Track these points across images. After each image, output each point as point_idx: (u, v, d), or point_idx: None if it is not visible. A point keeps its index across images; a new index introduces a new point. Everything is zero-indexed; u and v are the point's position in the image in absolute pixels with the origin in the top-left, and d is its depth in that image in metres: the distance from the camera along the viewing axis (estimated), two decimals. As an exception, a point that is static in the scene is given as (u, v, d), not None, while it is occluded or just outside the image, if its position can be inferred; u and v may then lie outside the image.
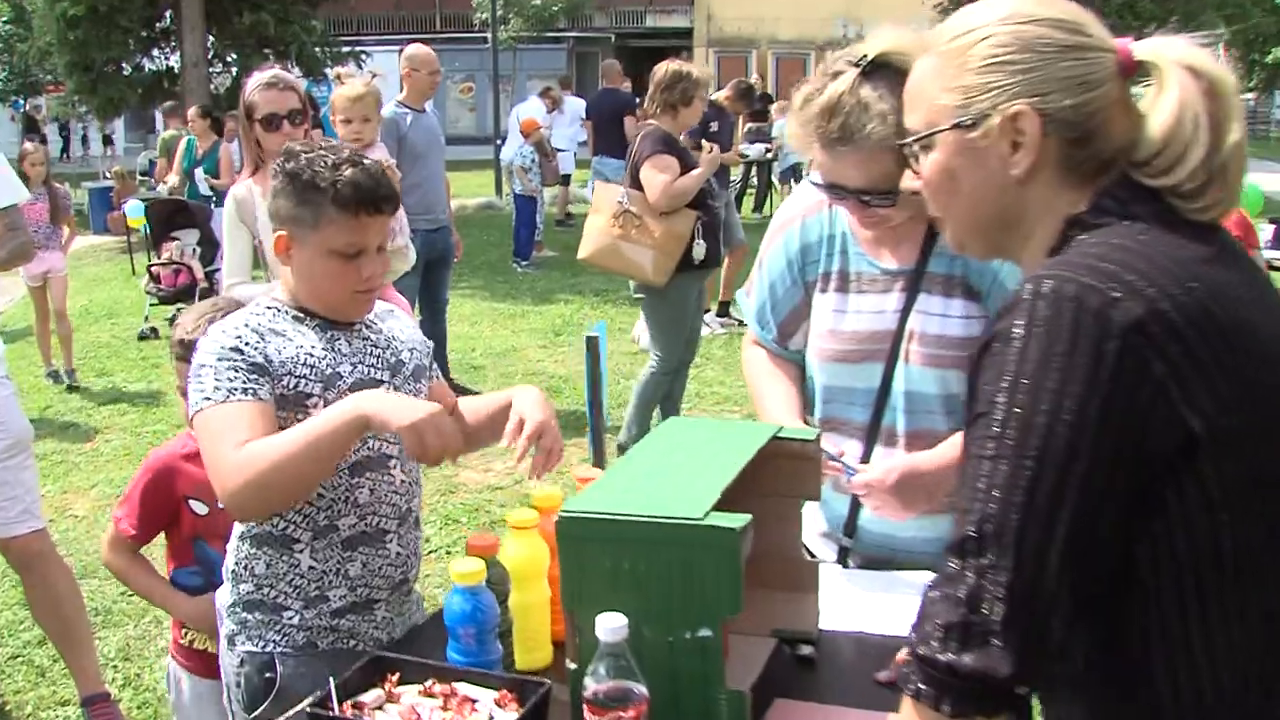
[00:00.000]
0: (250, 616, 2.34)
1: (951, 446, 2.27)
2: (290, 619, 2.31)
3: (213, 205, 11.12)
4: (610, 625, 1.60)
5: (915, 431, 2.38)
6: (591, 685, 1.62)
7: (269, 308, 2.33)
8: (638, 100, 14.48)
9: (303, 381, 2.24)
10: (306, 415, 2.22)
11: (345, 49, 22.75)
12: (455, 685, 1.86)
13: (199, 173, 11.74)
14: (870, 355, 2.40)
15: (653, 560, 1.69)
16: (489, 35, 23.29)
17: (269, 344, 2.24)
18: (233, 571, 2.37)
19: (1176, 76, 1.47)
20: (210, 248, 10.62)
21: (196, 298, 9.97)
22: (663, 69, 6.13)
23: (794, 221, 2.54)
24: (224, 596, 2.41)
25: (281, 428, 2.19)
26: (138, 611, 4.80)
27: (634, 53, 32.38)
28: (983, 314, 2.33)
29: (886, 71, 2.19)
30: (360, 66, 21.35)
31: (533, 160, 13.65)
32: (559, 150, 14.72)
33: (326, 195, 2.22)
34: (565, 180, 16.01)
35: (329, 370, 2.27)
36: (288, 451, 2.09)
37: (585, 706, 1.63)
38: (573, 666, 1.75)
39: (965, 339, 2.32)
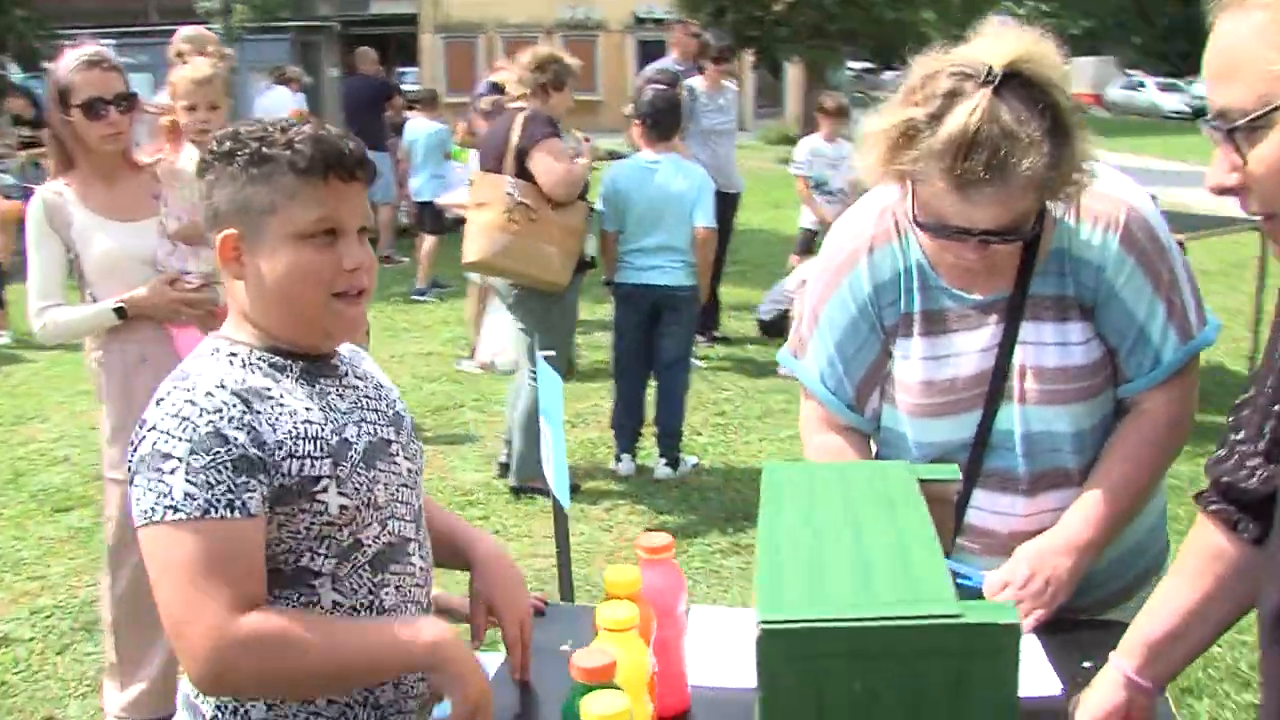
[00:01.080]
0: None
1: (1086, 517, 1.99)
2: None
3: None
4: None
5: (1040, 473, 2.04)
6: None
7: (231, 355, 1.74)
8: (393, 87, 13.84)
9: (309, 463, 1.68)
10: (313, 504, 1.68)
11: (64, 41, 20.89)
12: None
13: None
14: (974, 402, 2.03)
15: (903, 679, 1.28)
16: (213, 26, 21.96)
17: (260, 416, 1.66)
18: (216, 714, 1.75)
19: None
20: None
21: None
22: (530, 53, 5.57)
23: (858, 258, 2.08)
24: None
25: (283, 526, 1.66)
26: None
27: (359, 40, 31.13)
28: (1097, 334, 2.00)
29: (1013, 84, 1.77)
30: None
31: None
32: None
33: (281, 163, 1.68)
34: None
35: (335, 438, 1.73)
36: (330, 661, 1.63)
37: None
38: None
39: (1088, 366, 1.99)
